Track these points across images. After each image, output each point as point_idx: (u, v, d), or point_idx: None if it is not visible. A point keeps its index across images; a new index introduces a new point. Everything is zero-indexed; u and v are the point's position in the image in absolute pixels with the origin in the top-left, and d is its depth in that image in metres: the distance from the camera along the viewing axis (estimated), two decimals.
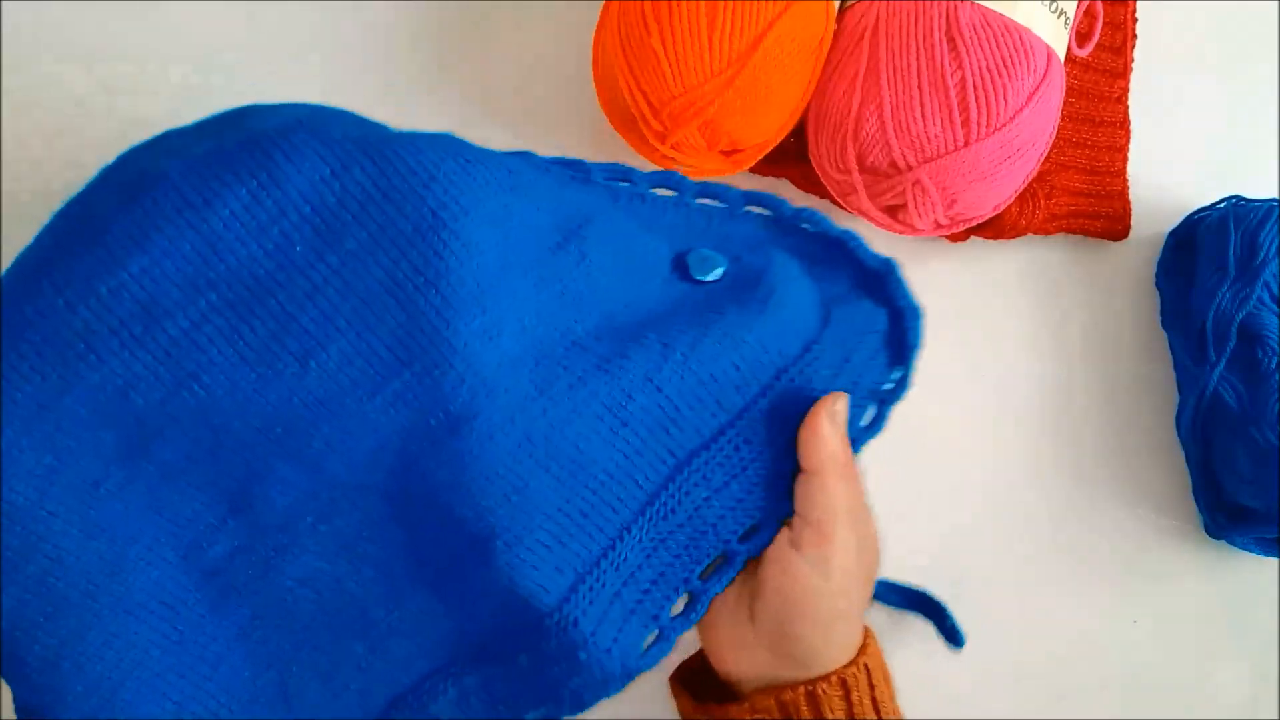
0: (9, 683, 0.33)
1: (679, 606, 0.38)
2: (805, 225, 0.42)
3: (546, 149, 0.49)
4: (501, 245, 0.34)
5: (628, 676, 0.37)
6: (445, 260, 0.32)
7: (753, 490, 0.38)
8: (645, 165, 0.48)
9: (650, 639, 0.38)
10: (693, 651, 0.41)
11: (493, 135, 0.39)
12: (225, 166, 0.31)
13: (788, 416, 0.38)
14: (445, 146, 0.33)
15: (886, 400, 0.41)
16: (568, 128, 0.50)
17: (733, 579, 0.38)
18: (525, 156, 0.38)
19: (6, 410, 0.30)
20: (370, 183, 0.32)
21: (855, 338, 0.40)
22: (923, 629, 0.49)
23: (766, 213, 0.42)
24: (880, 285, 0.41)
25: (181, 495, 0.34)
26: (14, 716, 0.35)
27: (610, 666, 0.37)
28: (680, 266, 0.40)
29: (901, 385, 0.41)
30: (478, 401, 0.34)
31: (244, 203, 0.31)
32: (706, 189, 0.42)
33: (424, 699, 0.38)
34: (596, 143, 0.50)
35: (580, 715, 0.38)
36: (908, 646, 0.46)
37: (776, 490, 0.38)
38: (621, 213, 0.40)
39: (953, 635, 0.46)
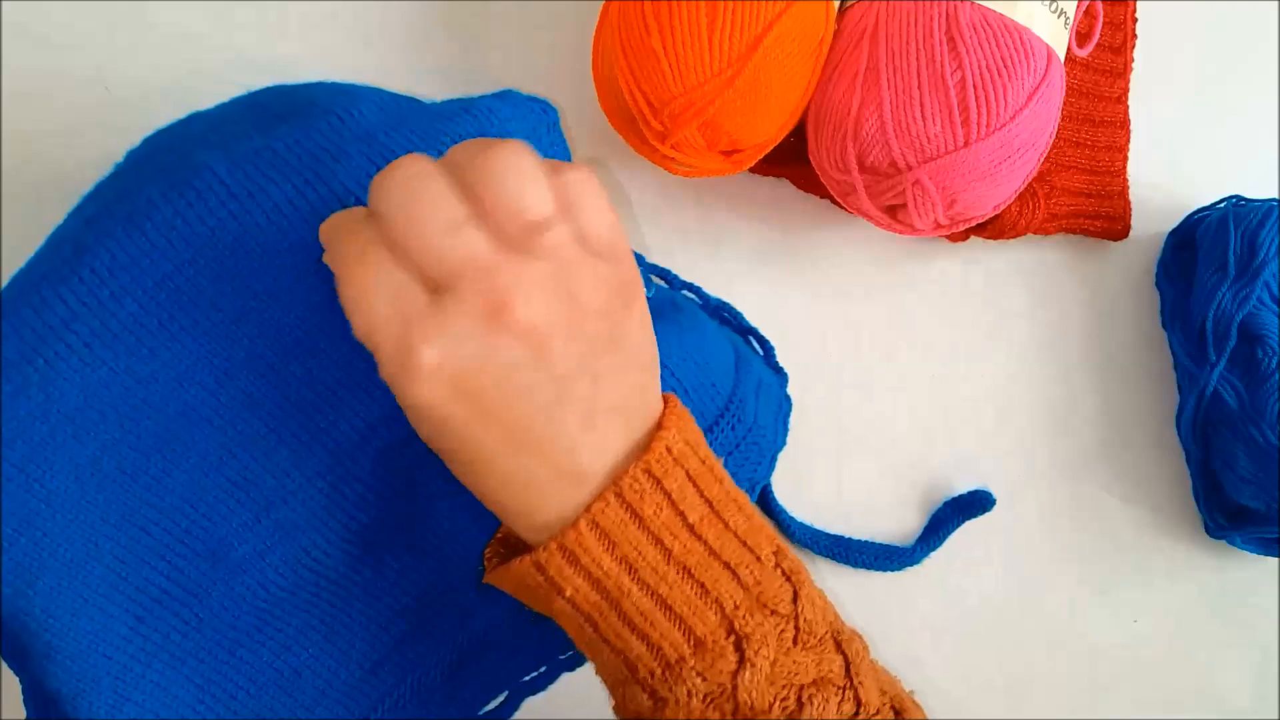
0: (33, 672, 0.33)
1: None
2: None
3: None
4: None
5: None
6: None
7: (744, 465, 0.42)
8: (645, 165, 0.48)
9: None
10: None
11: None
12: (271, 165, 0.32)
13: (756, 396, 0.43)
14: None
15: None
16: (568, 128, 0.50)
17: None
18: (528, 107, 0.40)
19: (54, 401, 0.30)
20: None
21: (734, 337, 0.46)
22: (916, 632, 0.50)
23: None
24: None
25: (218, 491, 0.34)
26: (16, 715, 0.35)
27: None
28: None
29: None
30: None
31: (288, 195, 0.31)
32: None
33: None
34: (596, 143, 0.50)
35: None
36: (903, 648, 0.46)
37: (764, 462, 0.43)
38: None
39: (983, 503, 0.50)
